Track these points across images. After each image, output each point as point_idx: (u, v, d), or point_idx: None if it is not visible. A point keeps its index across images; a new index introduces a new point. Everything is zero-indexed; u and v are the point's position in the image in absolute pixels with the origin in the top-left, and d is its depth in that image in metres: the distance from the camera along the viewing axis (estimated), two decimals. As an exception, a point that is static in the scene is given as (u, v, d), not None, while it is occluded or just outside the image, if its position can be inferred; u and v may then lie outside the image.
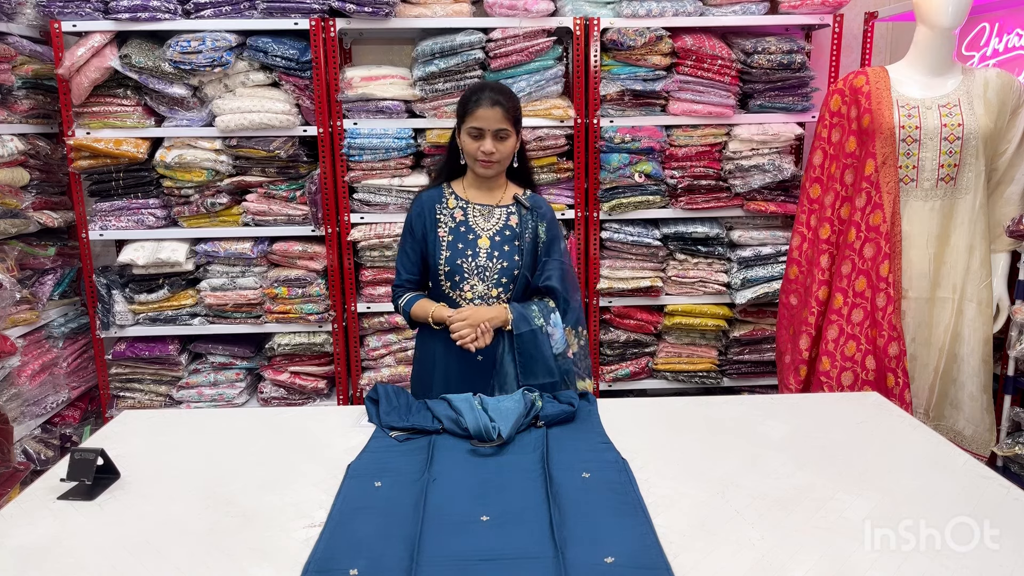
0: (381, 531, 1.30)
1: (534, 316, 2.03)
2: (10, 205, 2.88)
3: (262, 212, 3.15)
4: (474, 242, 2.04)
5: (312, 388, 3.29)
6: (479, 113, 1.95)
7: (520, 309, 2.03)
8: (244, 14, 2.99)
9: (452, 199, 2.09)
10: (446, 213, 2.07)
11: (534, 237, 2.07)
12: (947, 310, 2.43)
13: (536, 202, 2.10)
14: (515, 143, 2.03)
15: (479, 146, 1.97)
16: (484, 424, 1.66)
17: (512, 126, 1.99)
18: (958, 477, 1.50)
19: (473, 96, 1.98)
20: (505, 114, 1.96)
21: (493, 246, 2.04)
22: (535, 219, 2.08)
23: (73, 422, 3.27)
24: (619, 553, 1.22)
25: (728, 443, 1.66)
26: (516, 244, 2.06)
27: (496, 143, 1.97)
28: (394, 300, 2.15)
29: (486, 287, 2.04)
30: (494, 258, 2.04)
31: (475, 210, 2.07)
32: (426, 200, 2.10)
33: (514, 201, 2.09)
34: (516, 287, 2.06)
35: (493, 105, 1.95)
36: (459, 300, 2.05)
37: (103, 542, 1.30)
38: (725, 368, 3.42)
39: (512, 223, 2.07)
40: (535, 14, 3.03)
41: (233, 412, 2.33)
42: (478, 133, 1.97)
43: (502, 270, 2.04)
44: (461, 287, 2.04)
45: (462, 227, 2.06)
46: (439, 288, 2.07)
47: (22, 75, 2.99)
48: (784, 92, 3.17)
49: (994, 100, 2.37)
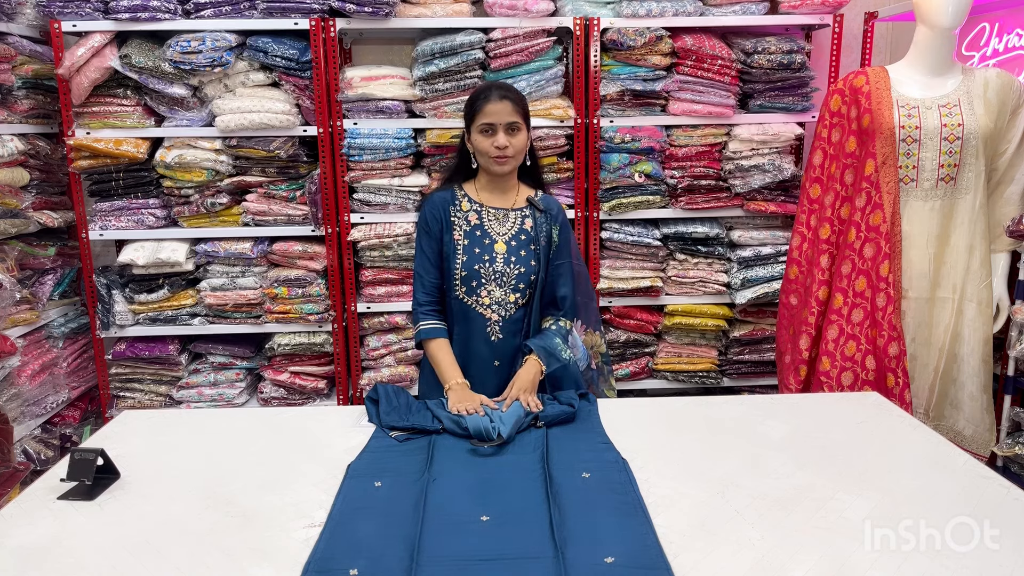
0: (381, 531, 1.30)
1: (560, 350, 1.99)
2: (10, 205, 2.88)
3: (262, 212, 3.15)
4: (490, 247, 2.00)
5: (312, 388, 3.29)
6: (488, 109, 1.93)
7: (543, 346, 1.98)
8: (244, 14, 2.99)
9: (466, 201, 2.04)
10: (460, 216, 2.02)
11: (548, 240, 2.04)
12: (947, 310, 2.43)
13: (548, 204, 2.07)
14: (527, 138, 2.00)
15: (493, 142, 1.94)
16: (484, 424, 1.66)
17: (522, 119, 1.96)
18: (958, 477, 1.50)
19: (480, 95, 1.96)
20: (514, 107, 1.94)
21: (510, 251, 2.01)
22: (549, 222, 2.05)
23: (73, 422, 3.27)
24: (619, 553, 1.22)
25: (728, 443, 1.66)
26: (532, 248, 2.02)
27: (509, 137, 1.94)
28: (413, 316, 2.07)
29: (503, 292, 2.00)
30: (511, 263, 2.00)
31: (490, 213, 2.03)
32: (439, 201, 2.04)
33: (527, 204, 2.06)
34: (533, 292, 2.03)
35: (501, 99, 1.93)
36: (475, 307, 2.01)
37: (103, 542, 1.30)
38: (725, 368, 3.42)
39: (527, 227, 2.04)
40: (535, 14, 3.03)
41: (233, 412, 2.34)
42: (490, 129, 1.94)
43: (519, 275, 2.00)
44: (478, 292, 2.00)
45: (477, 231, 2.01)
46: (452, 293, 2.02)
47: (22, 75, 2.99)
48: (784, 92, 3.17)
49: (994, 100, 2.37)
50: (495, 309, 2.01)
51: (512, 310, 2.02)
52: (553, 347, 1.99)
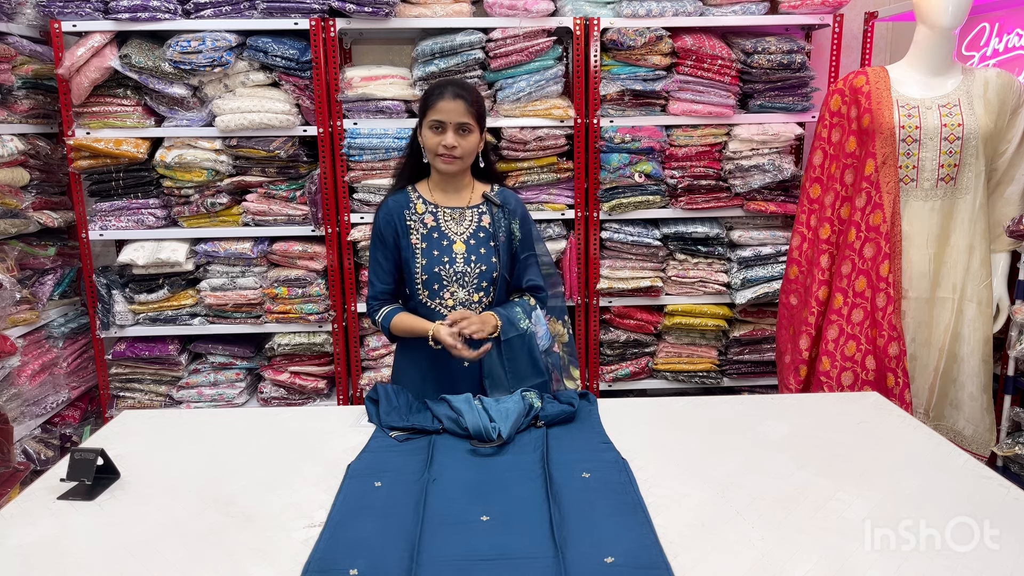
0: (381, 531, 1.30)
1: (519, 319, 1.99)
2: (10, 205, 2.88)
3: (262, 212, 3.15)
4: (449, 248, 1.97)
5: (312, 388, 3.29)
6: (440, 105, 1.89)
7: (505, 314, 1.98)
8: (244, 14, 2.99)
9: (420, 204, 2.00)
10: (416, 219, 1.99)
11: (508, 235, 2.02)
12: (947, 310, 2.43)
13: (505, 198, 2.04)
14: (478, 140, 1.96)
15: (440, 140, 1.91)
16: (484, 424, 1.66)
17: (475, 121, 1.92)
18: (958, 477, 1.50)
19: (436, 90, 1.92)
20: (467, 107, 1.90)
21: (469, 250, 1.98)
22: (507, 217, 2.02)
23: (73, 422, 3.27)
24: (619, 553, 1.22)
25: (728, 443, 1.66)
26: (492, 245, 2.00)
27: (458, 137, 1.90)
28: (370, 314, 2.04)
29: (467, 293, 1.98)
30: (471, 262, 1.98)
31: (445, 214, 1.99)
32: (393, 206, 2.00)
33: (483, 200, 2.03)
34: (497, 289, 2.01)
35: (455, 98, 1.89)
36: (439, 309, 1.98)
37: (103, 542, 1.30)
38: (725, 368, 3.42)
39: (485, 223, 2.01)
40: (535, 14, 3.03)
41: (233, 412, 2.33)
42: (439, 126, 1.91)
43: (481, 274, 1.98)
44: (441, 295, 1.97)
45: (435, 233, 1.98)
46: (416, 298, 1.99)
47: (22, 75, 2.99)
48: (784, 92, 3.17)
49: (994, 100, 2.37)
50: (459, 310, 1.94)
51: (477, 310, 1.99)
52: (513, 316, 1.98)
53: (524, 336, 1.99)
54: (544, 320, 2.06)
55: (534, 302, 2.06)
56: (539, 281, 2.07)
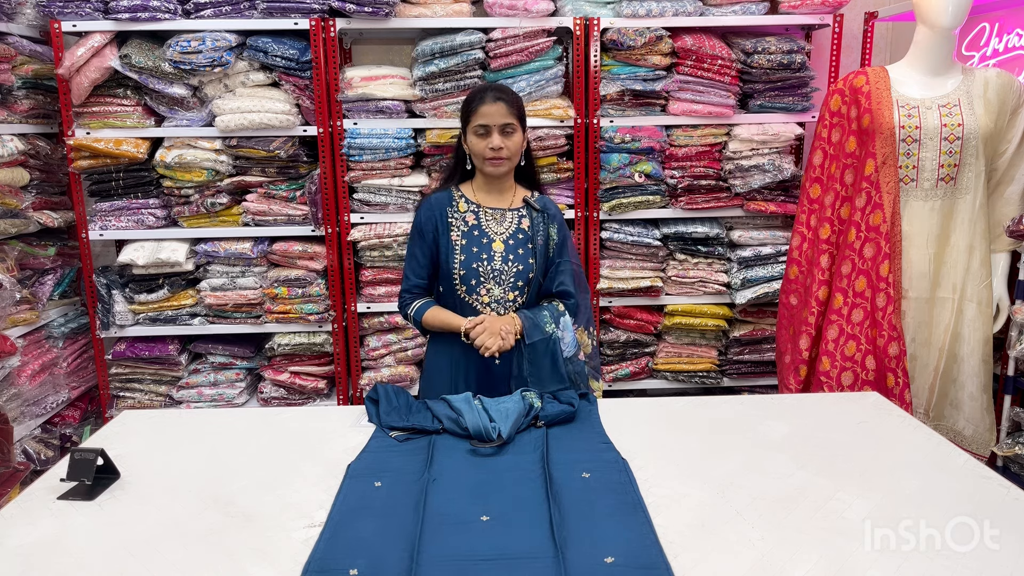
0: (381, 531, 1.30)
1: (546, 323, 2.03)
2: (10, 205, 2.88)
3: (262, 212, 3.15)
4: (488, 246, 2.03)
5: (312, 388, 3.29)
6: (483, 110, 1.96)
7: (532, 317, 2.02)
8: (244, 14, 2.99)
9: (463, 202, 2.07)
10: (458, 216, 2.05)
11: (546, 239, 2.08)
12: (947, 310, 2.43)
13: (545, 204, 2.11)
14: (522, 140, 2.03)
15: (487, 143, 1.97)
16: (484, 424, 1.66)
17: (517, 121, 1.99)
18: (958, 477, 1.50)
19: (476, 96, 1.99)
20: (509, 109, 1.97)
21: (508, 249, 2.03)
22: (546, 221, 2.08)
23: (73, 422, 3.27)
24: (619, 553, 1.22)
25: (728, 443, 1.66)
26: (530, 247, 2.05)
27: (503, 139, 1.97)
28: (401, 307, 2.11)
29: (502, 291, 2.03)
30: (509, 261, 2.03)
31: (487, 214, 2.06)
32: (436, 203, 2.07)
33: (524, 204, 2.09)
34: (531, 290, 2.06)
35: (496, 101, 1.96)
36: (475, 304, 2.04)
37: (103, 542, 1.30)
38: (725, 368, 3.42)
39: (524, 226, 2.07)
40: (535, 14, 3.03)
41: (233, 412, 2.33)
42: (484, 131, 1.97)
43: (517, 273, 2.03)
44: (477, 291, 2.03)
45: (475, 231, 2.04)
46: (453, 293, 2.04)
47: (22, 75, 2.99)
48: (784, 92, 3.17)
49: (994, 100, 2.37)
50: (494, 307, 2.04)
51: (511, 308, 2.05)
52: (540, 319, 2.03)
53: (549, 340, 2.02)
54: (572, 327, 2.09)
55: (563, 308, 2.09)
56: (570, 287, 2.10)
